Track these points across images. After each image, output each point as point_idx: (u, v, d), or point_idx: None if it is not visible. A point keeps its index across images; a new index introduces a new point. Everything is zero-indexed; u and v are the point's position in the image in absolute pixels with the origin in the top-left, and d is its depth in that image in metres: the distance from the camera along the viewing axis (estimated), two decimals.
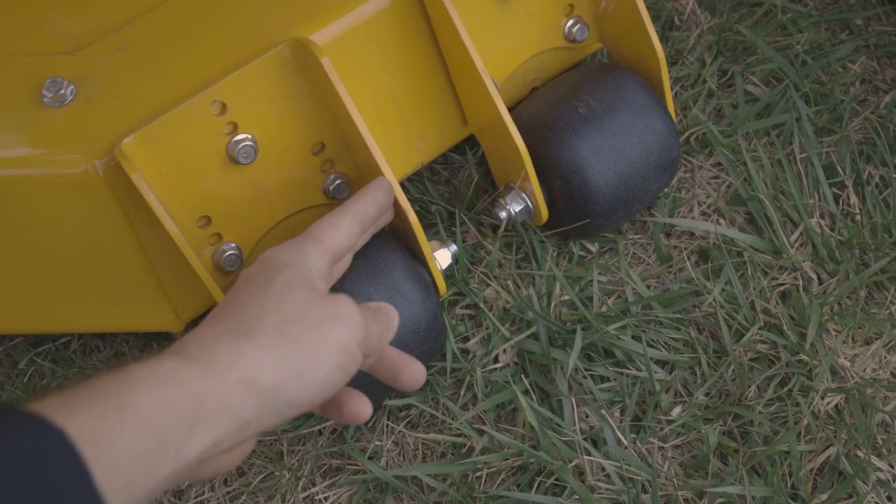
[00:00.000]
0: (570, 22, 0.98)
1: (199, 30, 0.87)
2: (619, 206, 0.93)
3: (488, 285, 0.99)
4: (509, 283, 0.99)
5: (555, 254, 1.01)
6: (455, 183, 1.05)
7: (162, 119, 0.81)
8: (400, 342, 0.86)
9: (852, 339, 0.95)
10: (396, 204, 0.86)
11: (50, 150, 0.83)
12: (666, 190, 1.03)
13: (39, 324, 0.96)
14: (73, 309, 0.93)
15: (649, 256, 1.01)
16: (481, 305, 0.97)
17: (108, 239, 0.86)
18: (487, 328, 0.97)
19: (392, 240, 0.89)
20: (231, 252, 0.88)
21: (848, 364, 0.93)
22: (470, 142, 1.04)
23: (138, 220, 0.85)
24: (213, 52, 0.86)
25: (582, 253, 1.01)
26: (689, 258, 1.01)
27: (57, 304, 0.93)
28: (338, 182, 0.91)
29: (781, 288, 0.98)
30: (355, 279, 0.86)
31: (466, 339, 0.97)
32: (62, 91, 0.84)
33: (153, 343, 1.01)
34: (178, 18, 0.89)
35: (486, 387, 0.94)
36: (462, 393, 0.94)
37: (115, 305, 0.93)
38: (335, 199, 0.92)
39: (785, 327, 0.94)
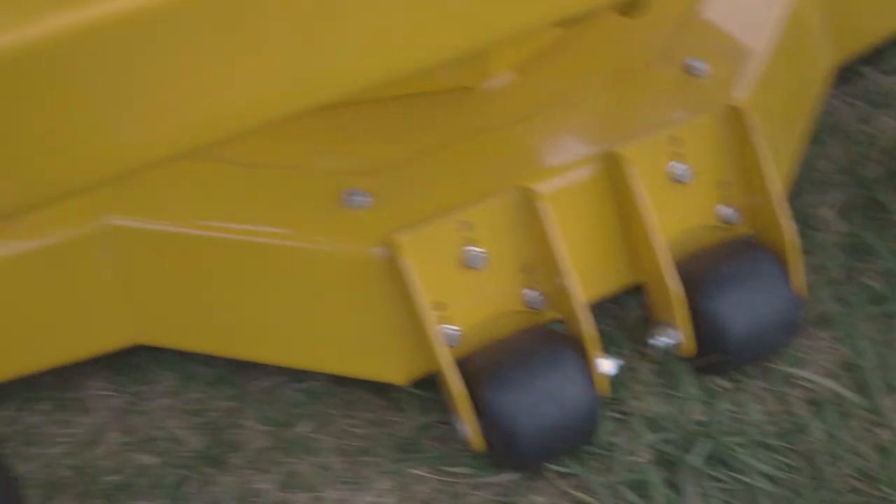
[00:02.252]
0: (726, 208, 1.29)
1: (460, 168, 1.26)
2: (748, 350, 1.22)
3: (637, 399, 1.27)
4: (655, 398, 1.26)
5: (695, 386, 1.28)
6: (619, 315, 1.35)
7: (425, 225, 1.17)
8: (561, 423, 1.15)
9: None
10: (578, 315, 1.16)
11: (342, 237, 1.21)
12: (788, 347, 1.29)
13: (298, 361, 1.31)
14: (326, 353, 1.28)
15: (769, 396, 1.27)
16: (631, 412, 1.24)
17: (370, 308, 1.22)
18: (632, 431, 1.24)
19: (568, 339, 1.19)
20: (456, 332, 1.21)
21: None
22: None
23: (396, 297, 1.19)
24: (469, 184, 1.23)
25: (713, 386, 1.28)
26: (801, 403, 1.26)
27: (316, 346, 1.28)
28: (536, 296, 1.24)
29: (877, 440, 1.21)
30: (533, 364, 1.16)
31: (614, 434, 1.24)
32: (358, 198, 1.22)
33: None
34: (445, 161, 1.28)
35: (627, 471, 1.20)
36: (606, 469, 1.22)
37: (357, 356, 1.27)
38: (533, 307, 1.24)
39: (876, 472, 1.16)
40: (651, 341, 1.26)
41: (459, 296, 1.21)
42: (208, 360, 1.45)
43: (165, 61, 0.84)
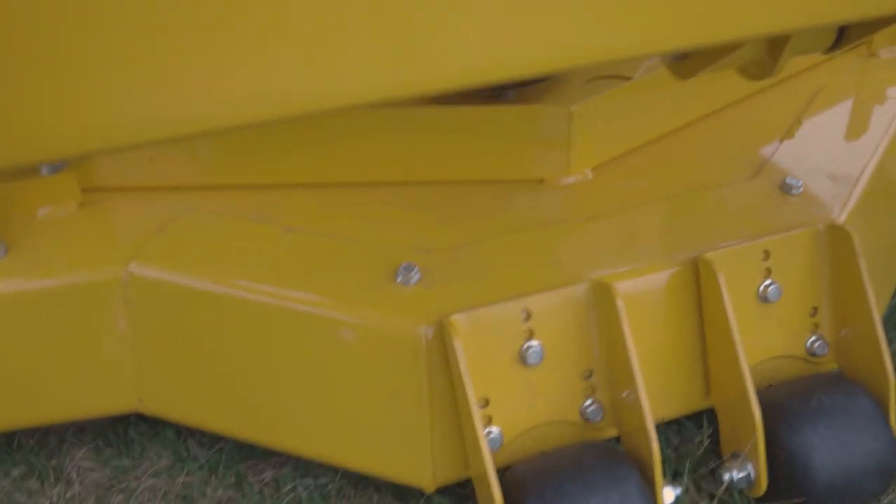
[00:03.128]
0: (813, 338, 1.16)
1: (526, 257, 1.13)
2: (834, 495, 1.05)
3: None
4: None
5: None
6: (676, 441, 1.20)
7: (484, 309, 1.04)
8: None
9: None
10: (647, 433, 1.02)
11: (392, 314, 1.07)
12: (882, 497, 1.13)
13: (312, 450, 1.15)
14: (345, 444, 1.12)
15: None
16: None
17: (405, 392, 1.07)
18: None
19: (627, 458, 1.04)
20: (494, 435, 1.06)
21: None
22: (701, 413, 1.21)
23: (439, 384, 1.05)
24: (532, 274, 1.10)
25: None
26: None
27: (336, 436, 1.12)
28: (594, 406, 1.09)
29: None
30: (589, 479, 1.00)
31: None
32: (412, 274, 1.10)
33: None
34: (510, 248, 1.15)
35: None
36: None
37: (383, 452, 1.11)
38: (588, 420, 1.09)
39: None
40: (719, 473, 1.11)
41: (507, 393, 1.06)
42: (208, 443, 1.30)
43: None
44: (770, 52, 1.15)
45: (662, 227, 1.19)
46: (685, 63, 1.18)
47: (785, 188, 1.25)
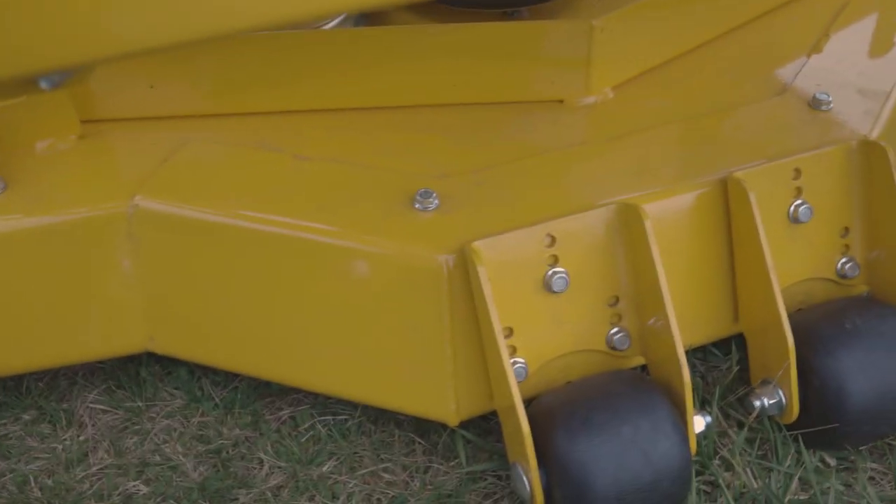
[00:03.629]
0: (844, 259, 1.12)
1: (547, 179, 1.09)
2: (868, 420, 1.02)
3: (727, 469, 1.07)
4: (748, 470, 1.07)
5: (794, 459, 1.09)
6: (709, 376, 1.17)
7: (506, 235, 1.00)
8: (647, 481, 0.96)
9: None
10: (677, 361, 0.99)
11: (411, 243, 1.03)
12: None
13: (330, 386, 1.12)
14: (364, 379, 1.09)
15: (887, 483, 1.07)
16: (720, 481, 1.05)
17: (427, 324, 1.03)
18: None
19: (657, 386, 1.01)
20: (519, 365, 1.03)
21: None
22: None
23: (460, 314, 1.01)
24: (555, 197, 1.06)
25: (816, 462, 1.08)
26: None
27: (355, 371, 1.09)
28: (620, 334, 1.06)
29: None
30: (619, 408, 0.98)
31: None
32: (430, 201, 1.05)
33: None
34: (531, 171, 1.11)
35: None
36: None
37: (404, 386, 1.08)
38: (614, 348, 1.06)
39: None
40: (749, 400, 1.08)
41: (532, 322, 1.03)
42: (223, 382, 1.26)
43: None
44: None
45: (688, 147, 1.14)
46: None
47: (814, 104, 1.19)
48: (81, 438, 1.19)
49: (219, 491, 1.11)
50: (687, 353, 1.10)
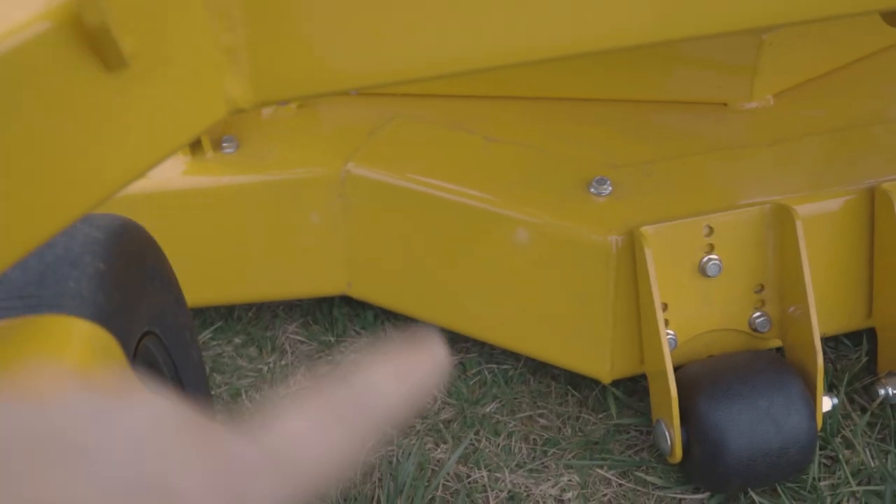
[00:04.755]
0: None
1: (710, 177, 1.23)
2: None
3: (848, 447, 1.20)
4: (867, 450, 1.19)
5: None
6: (838, 363, 1.29)
7: (670, 223, 1.14)
8: (776, 448, 1.10)
9: None
10: (813, 345, 1.11)
11: (586, 223, 1.19)
12: None
13: (503, 338, 1.29)
14: (533, 335, 1.26)
15: None
16: (840, 457, 1.18)
17: (592, 293, 1.19)
18: (839, 478, 1.17)
19: (792, 366, 1.14)
20: (670, 336, 1.17)
21: None
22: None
23: (623, 288, 1.17)
24: (715, 194, 1.20)
25: None
26: None
27: (525, 327, 1.26)
28: (762, 318, 1.19)
29: None
30: (757, 382, 1.11)
31: (820, 478, 1.17)
32: (605, 187, 1.20)
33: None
34: (696, 168, 1.25)
35: None
36: None
37: (567, 344, 1.24)
38: (755, 330, 1.20)
39: None
40: (875, 388, 1.20)
41: (685, 301, 1.17)
42: (403, 327, 1.46)
43: None
44: None
45: (841, 156, 1.26)
46: None
47: None
48: (283, 363, 1.40)
49: None
50: (821, 340, 1.23)
